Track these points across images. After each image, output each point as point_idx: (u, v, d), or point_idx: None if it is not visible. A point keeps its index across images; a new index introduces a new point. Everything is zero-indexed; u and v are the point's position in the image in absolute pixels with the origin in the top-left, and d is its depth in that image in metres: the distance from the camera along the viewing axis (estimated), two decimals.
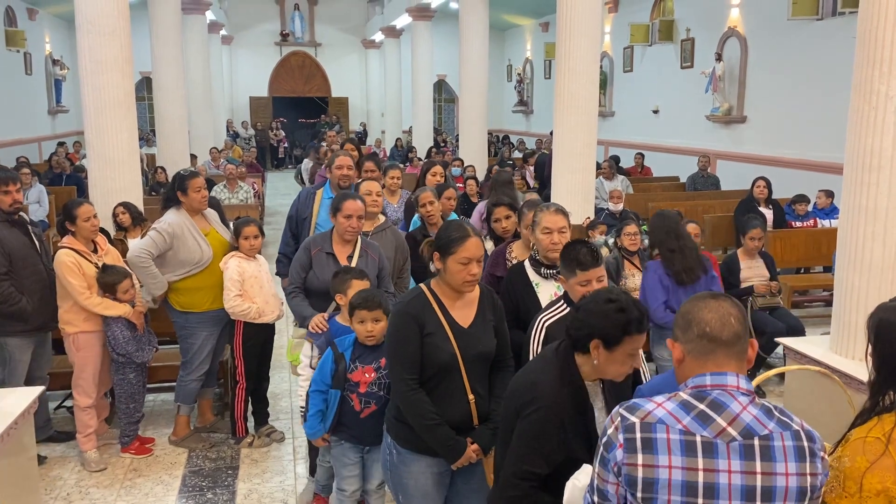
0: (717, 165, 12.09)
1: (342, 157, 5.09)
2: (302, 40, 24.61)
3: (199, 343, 4.66)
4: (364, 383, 3.29)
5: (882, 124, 3.64)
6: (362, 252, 4.05)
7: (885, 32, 3.59)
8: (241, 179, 10.58)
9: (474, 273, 2.72)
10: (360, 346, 3.35)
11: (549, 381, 2.24)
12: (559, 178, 7.56)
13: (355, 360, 3.33)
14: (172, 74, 12.23)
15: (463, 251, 2.70)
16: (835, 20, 9.95)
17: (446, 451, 2.76)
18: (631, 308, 2.20)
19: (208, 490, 4.32)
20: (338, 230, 4.03)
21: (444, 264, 2.74)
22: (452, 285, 2.76)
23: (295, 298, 4.01)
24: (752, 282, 5.93)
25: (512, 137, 21.79)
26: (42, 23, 17.48)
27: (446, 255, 2.73)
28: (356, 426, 3.33)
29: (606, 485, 1.75)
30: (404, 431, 2.80)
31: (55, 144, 15.38)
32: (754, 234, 5.96)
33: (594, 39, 7.33)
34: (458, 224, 2.85)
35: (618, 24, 16.01)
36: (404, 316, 2.74)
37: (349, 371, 3.31)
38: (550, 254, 3.38)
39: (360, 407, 3.30)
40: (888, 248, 3.70)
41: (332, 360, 3.36)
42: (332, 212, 4.02)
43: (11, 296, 4.26)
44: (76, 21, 6.41)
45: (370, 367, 3.30)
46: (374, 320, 3.29)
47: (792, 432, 1.67)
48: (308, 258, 4.04)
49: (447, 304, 2.79)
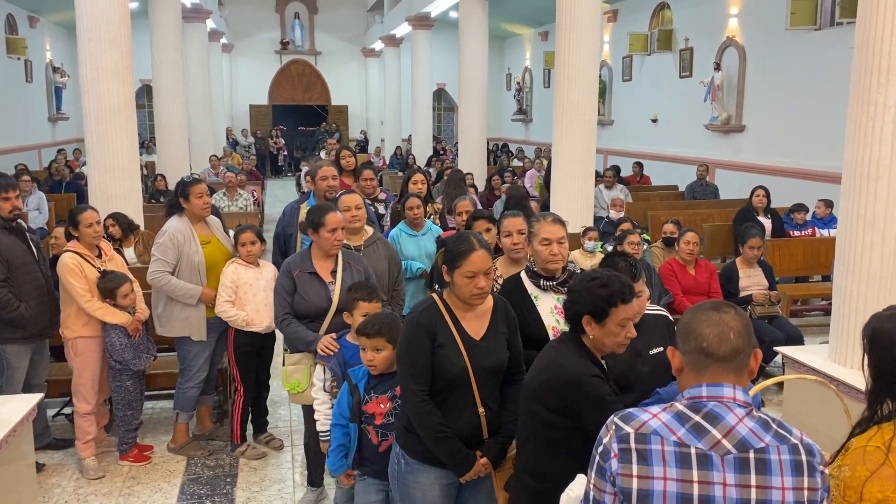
0: (715, 174, 12.12)
1: (326, 168, 4.90)
2: (302, 49, 24.69)
3: (196, 350, 4.65)
4: (379, 415, 3.10)
5: (880, 134, 3.66)
6: (345, 265, 3.88)
7: (882, 43, 3.61)
8: (241, 187, 10.59)
9: (481, 287, 2.68)
10: (374, 376, 3.17)
11: (573, 358, 2.40)
12: (558, 186, 7.58)
13: (370, 391, 3.14)
14: (173, 82, 12.26)
15: (468, 265, 2.67)
16: (833, 30, 9.99)
17: (455, 464, 2.72)
18: (613, 281, 2.37)
19: (207, 498, 4.31)
20: (321, 246, 3.83)
21: (452, 277, 2.72)
22: (461, 298, 2.73)
23: (290, 326, 3.81)
24: (751, 291, 5.94)
25: (511, 146, 21.84)
26: (43, 30, 17.52)
27: (453, 269, 2.70)
28: (377, 460, 3.12)
29: (604, 495, 1.73)
30: (413, 441, 2.76)
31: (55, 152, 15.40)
32: (753, 243, 5.97)
33: (593, 48, 7.36)
34: (465, 236, 2.79)
35: (617, 33, 16.07)
36: (416, 326, 2.71)
37: (364, 403, 3.13)
38: (550, 265, 3.24)
39: (378, 440, 3.11)
40: (886, 258, 3.71)
41: (348, 392, 3.20)
42: (313, 227, 3.79)
43: (10, 302, 4.26)
44: (77, 28, 6.43)
45: (384, 398, 3.11)
46: (375, 349, 3.09)
47: (789, 446, 1.65)
48: (291, 281, 3.83)
49: (459, 316, 2.75)
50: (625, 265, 2.78)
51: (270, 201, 16.74)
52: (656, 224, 8.65)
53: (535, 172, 13.73)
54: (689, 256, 5.96)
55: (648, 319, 2.85)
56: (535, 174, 13.60)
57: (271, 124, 24.41)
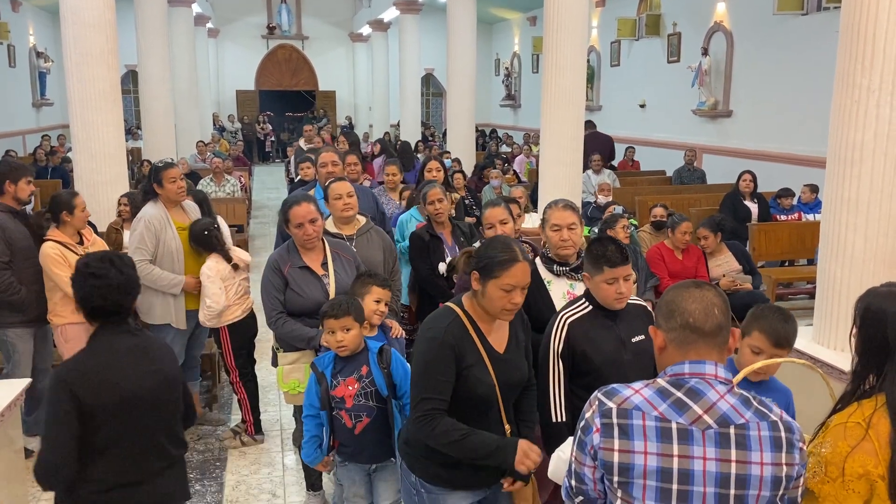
0: (703, 159, 12.16)
1: (325, 154, 4.83)
2: (289, 33, 24.48)
3: (172, 336, 4.59)
4: (349, 397, 3.04)
5: (864, 118, 3.69)
6: (334, 255, 3.76)
7: (867, 27, 3.64)
8: (228, 173, 10.56)
9: (516, 302, 2.44)
10: (341, 359, 3.10)
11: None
12: (546, 172, 7.59)
13: (336, 375, 3.08)
14: (158, 67, 12.15)
15: (508, 277, 2.40)
16: (820, 15, 10.02)
17: (496, 455, 2.39)
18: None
19: (196, 482, 4.33)
20: (296, 241, 3.69)
21: (484, 287, 2.43)
22: (488, 311, 2.48)
23: (286, 324, 3.62)
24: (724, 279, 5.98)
25: (499, 131, 21.81)
26: (25, 14, 17.29)
27: (487, 278, 2.42)
28: (353, 443, 3.08)
29: (583, 468, 1.78)
30: (431, 467, 2.53)
31: (39, 138, 15.25)
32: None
33: (581, 34, 7.35)
34: (505, 243, 2.49)
35: (605, 18, 16.05)
36: (442, 347, 2.42)
37: (332, 388, 3.06)
38: (561, 251, 3.28)
39: (352, 423, 3.05)
40: (869, 240, 3.75)
41: (315, 381, 3.10)
42: (284, 223, 3.71)
43: (11, 285, 4.29)
44: (61, 12, 6.35)
45: (352, 379, 3.06)
46: (345, 329, 3.01)
47: (769, 422, 1.68)
48: (281, 278, 3.64)
49: (483, 329, 2.51)
50: (614, 248, 2.77)
51: (258, 187, 16.69)
52: (644, 209, 8.69)
53: (523, 158, 13.74)
54: (683, 245, 6.02)
55: (631, 308, 2.88)
56: (524, 160, 13.61)
57: (258, 110, 24.24)
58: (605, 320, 2.81)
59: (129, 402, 2.39)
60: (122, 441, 2.40)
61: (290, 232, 3.70)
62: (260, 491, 4.24)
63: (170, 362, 2.59)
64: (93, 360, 2.41)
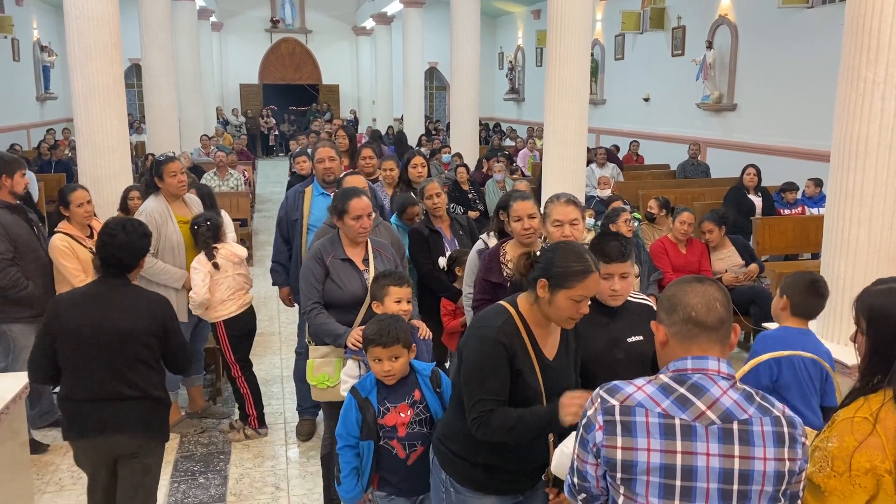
0: (707, 153, 12.13)
1: (323, 149, 4.74)
2: (292, 27, 24.45)
3: None
4: (401, 425, 2.77)
5: (868, 111, 3.68)
6: (375, 253, 3.69)
7: (872, 20, 3.62)
8: (232, 167, 10.55)
9: (583, 312, 2.35)
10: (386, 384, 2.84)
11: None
12: (550, 166, 7.57)
13: (383, 401, 2.80)
14: (162, 61, 12.15)
15: (581, 289, 2.30)
16: (825, 8, 9.98)
17: (547, 424, 2.32)
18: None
19: (200, 475, 4.35)
20: (347, 234, 3.62)
21: (552, 296, 2.32)
22: (552, 318, 2.38)
23: (318, 316, 3.53)
24: (727, 274, 5.98)
25: (503, 125, 21.77)
26: (29, 8, 17.29)
27: (558, 288, 2.31)
28: (405, 476, 2.80)
29: (586, 465, 1.77)
30: (466, 468, 2.48)
31: (44, 131, 15.27)
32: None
33: (585, 27, 7.32)
34: (578, 252, 2.36)
35: (609, 11, 15.99)
36: (496, 345, 2.34)
37: (380, 416, 2.78)
38: None
39: (406, 452, 2.78)
40: (873, 234, 3.74)
41: (356, 408, 2.80)
42: (337, 214, 3.60)
43: (19, 281, 4.30)
44: (64, 6, 6.35)
45: (404, 406, 2.79)
46: (393, 358, 2.78)
47: (772, 418, 1.68)
48: (323, 268, 3.57)
49: (537, 334, 2.42)
50: (615, 244, 2.71)
51: (262, 181, 16.70)
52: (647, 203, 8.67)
53: (527, 152, 13.71)
54: (683, 236, 5.99)
55: (632, 307, 2.77)
56: (528, 154, 13.58)
57: (262, 104, 24.23)
58: (601, 317, 2.71)
59: (79, 336, 2.94)
60: (73, 366, 2.98)
61: (342, 223, 3.60)
62: (264, 484, 4.26)
63: (137, 319, 2.99)
64: (72, 296, 3.06)
